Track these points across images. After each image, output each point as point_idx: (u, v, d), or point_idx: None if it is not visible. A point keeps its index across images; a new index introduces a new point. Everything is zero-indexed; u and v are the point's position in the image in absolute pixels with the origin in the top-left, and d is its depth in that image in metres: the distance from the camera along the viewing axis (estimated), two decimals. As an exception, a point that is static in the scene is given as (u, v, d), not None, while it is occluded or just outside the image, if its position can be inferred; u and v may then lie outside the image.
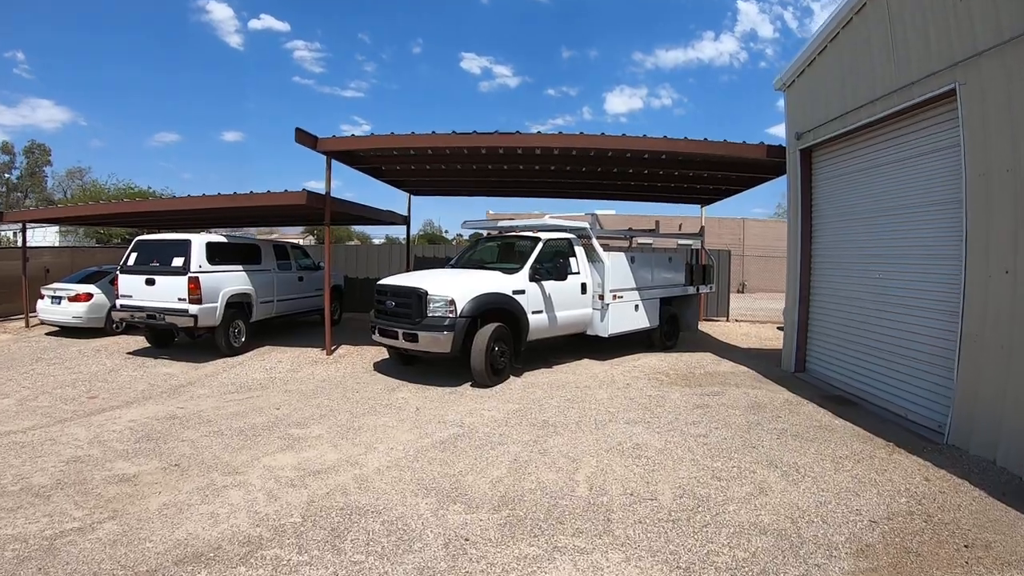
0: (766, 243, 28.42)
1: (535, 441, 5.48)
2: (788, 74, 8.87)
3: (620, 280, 9.23)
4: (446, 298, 7.39)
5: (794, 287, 8.86)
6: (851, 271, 7.81)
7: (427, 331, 7.37)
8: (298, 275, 12.22)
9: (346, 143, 9.21)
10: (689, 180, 11.74)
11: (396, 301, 7.88)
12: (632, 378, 8.19)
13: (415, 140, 8.77)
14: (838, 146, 8.05)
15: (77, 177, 41.90)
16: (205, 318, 9.58)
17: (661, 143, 8.76)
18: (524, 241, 9.10)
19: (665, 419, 6.22)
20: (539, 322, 8.27)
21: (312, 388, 7.72)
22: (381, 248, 18.88)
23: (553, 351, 9.77)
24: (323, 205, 9.69)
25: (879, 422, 6.31)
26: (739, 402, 6.99)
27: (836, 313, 8.12)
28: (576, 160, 10.29)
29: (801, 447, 5.49)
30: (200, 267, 9.65)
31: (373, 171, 11.78)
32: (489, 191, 14.29)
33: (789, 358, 8.94)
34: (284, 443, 5.49)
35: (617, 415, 6.34)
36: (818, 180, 8.62)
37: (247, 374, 8.66)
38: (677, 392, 7.40)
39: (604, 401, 6.92)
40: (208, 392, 7.63)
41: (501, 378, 7.78)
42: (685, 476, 4.71)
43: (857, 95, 7.24)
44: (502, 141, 8.64)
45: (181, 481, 4.63)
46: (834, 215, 8.26)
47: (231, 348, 10.05)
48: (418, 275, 8.62)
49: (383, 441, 5.51)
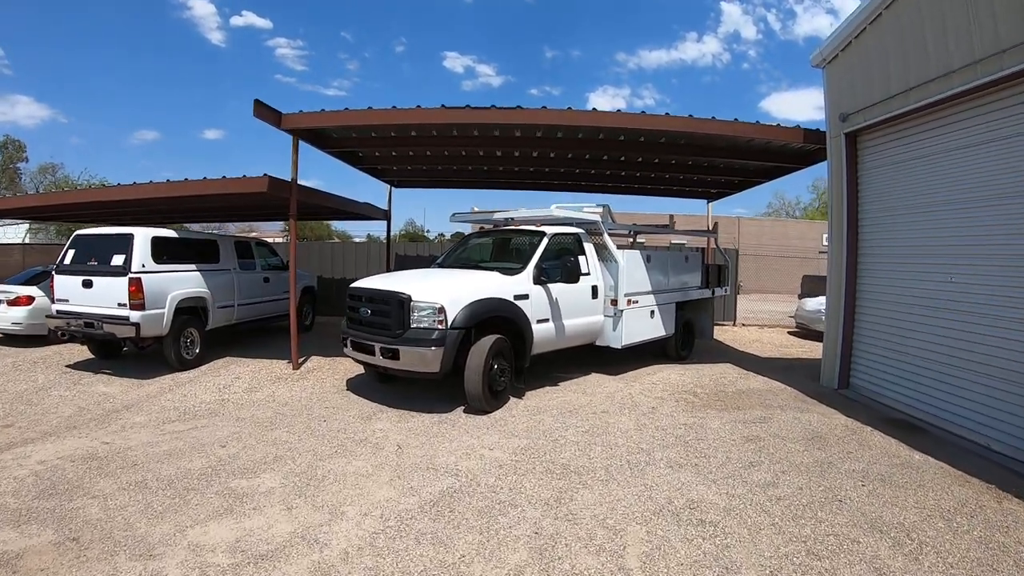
0: (761, 243, 27.49)
1: (558, 499, 4.14)
2: (830, 48, 7.66)
3: (636, 282, 7.95)
4: (434, 305, 6.01)
5: (837, 292, 7.65)
6: (910, 273, 6.64)
7: (410, 346, 5.98)
8: (263, 276, 10.74)
9: (315, 119, 7.78)
10: (702, 170, 10.51)
11: (372, 308, 6.47)
12: (656, 399, 6.90)
13: (396, 116, 7.39)
14: (893, 129, 6.87)
15: (50, 173, 39.85)
16: (149, 327, 8.10)
17: (685, 123, 7.50)
18: (525, 236, 7.76)
19: (715, 460, 4.93)
20: (545, 333, 6.94)
21: (270, 416, 6.31)
22: (359, 246, 17.34)
23: (555, 364, 8.45)
24: (288, 194, 8.26)
25: (962, 455, 5.21)
26: (794, 431, 5.75)
27: (889, 322, 6.94)
28: (579, 145, 9.00)
29: (896, 497, 4.28)
30: (143, 266, 8.16)
31: (349, 156, 10.33)
32: (479, 183, 12.87)
33: (831, 372, 7.73)
34: (223, 503, 4.10)
35: (653, 454, 5.03)
36: (865, 169, 7.43)
37: (196, 395, 7.21)
38: (715, 418, 6.13)
39: (631, 433, 5.62)
40: (144, 420, 6.19)
41: (501, 401, 6.43)
42: (771, 554, 3.43)
43: (925, 68, 6.07)
44: (499, 118, 7.29)
45: (74, 569, 3.24)
46: (885, 209, 7.08)
47: (182, 362, 8.57)
48: (400, 276, 7.22)
49: (354, 501, 4.14)
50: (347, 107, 7.90)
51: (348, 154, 10.16)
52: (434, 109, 7.24)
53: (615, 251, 7.67)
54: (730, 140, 8.33)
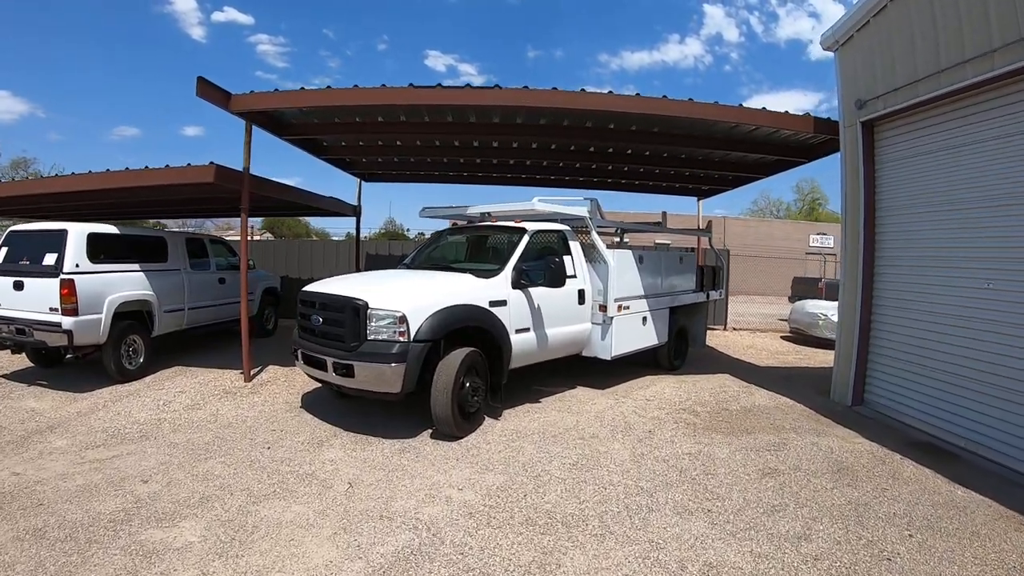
0: (747, 243, 26.92)
1: (541, 565, 3.26)
2: (843, 29, 6.90)
3: (627, 286, 7.12)
4: (394, 313, 5.07)
5: (852, 297, 6.90)
6: (936, 279, 5.91)
7: (367, 362, 5.04)
8: (219, 276, 9.72)
9: (268, 100, 6.82)
10: (696, 164, 9.72)
11: (324, 316, 5.52)
12: (652, 420, 6.06)
13: (359, 96, 6.47)
14: (919, 117, 6.14)
15: (22, 167, 38.22)
16: (84, 334, 7.10)
17: (685, 107, 6.68)
18: (503, 234, 6.89)
19: (731, 503, 4.10)
20: (525, 344, 6.06)
21: (208, 440, 5.37)
22: (327, 244, 16.26)
23: (536, 376, 7.58)
24: (239, 185, 7.30)
25: (1007, 488, 4.51)
26: (815, 462, 4.95)
27: (911, 332, 6.21)
28: (564, 134, 8.14)
29: (950, 551, 3.53)
30: (77, 266, 7.16)
31: (311, 145, 9.36)
32: (455, 177, 11.93)
33: (844, 387, 6.98)
34: (126, 565, 3.19)
35: (656, 496, 4.19)
36: (884, 161, 6.69)
37: (131, 413, 6.23)
38: (723, 445, 5.31)
39: (628, 466, 4.76)
40: (67, 444, 5.23)
41: (473, 424, 5.54)
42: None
43: (960, 47, 5.34)
44: (475, 99, 6.42)
45: None
46: (906, 207, 6.36)
47: (123, 372, 7.55)
48: (358, 279, 6.25)
49: (286, 566, 3.23)
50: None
51: (310, 142, 9.20)
52: (400, 88, 6.33)
53: (604, 251, 6.83)
54: (731, 129, 7.54)
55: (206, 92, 6.57)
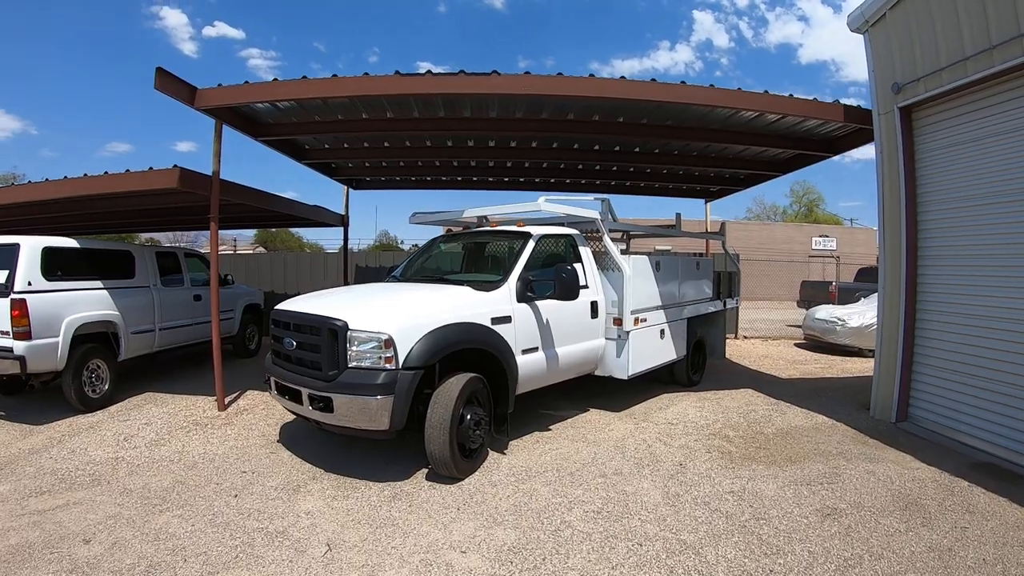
0: (748, 246, 26.26)
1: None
2: (873, 7, 6.24)
3: (644, 296, 6.38)
4: (379, 336, 4.27)
5: (895, 302, 6.18)
6: (991, 280, 5.25)
7: (348, 394, 4.24)
8: (194, 293, 8.95)
9: (237, 94, 6.07)
10: (708, 162, 9.02)
11: (298, 340, 4.72)
12: (681, 450, 5.29)
13: (338, 86, 5.73)
14: (966, 100, 5.47)
15: (8, 183, 37.56)
16: (38, 360, 6.35)
17: (705, 94, 5.98)
18: (504, 240, 6.15)
19: (795, 559, 3.33)
20: (533, 366, 5.29)
21: (168, 485, 4.58)
22: (315, 257, 15.45)
23: (543, 398, 6.80)
24: (207, 191, 6.56)
25: None
26: (877, 496, 4.21)
27: (962, 339, 5.51)
28: (568, 129, 7.43)
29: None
30: (30, 284, 6.43)
31: (291, 148, 8.60)
32: (449, 182, 11.15)
33: (887, 402, 6.25)
34: None
35: (704, 553, 3.42)
36: (924, 151, 6.00)
37: (87, 450, 5.46)
38: (768, 479, 4.55)
39: (663, 511, 4.00)
40: (8, 490, 4.51)
41: (476, 462, 4.74)
42: None
43: (1015, 20, 4.69)
44: (469, 86, 5.67)
45: None
46: (954, 200, 5.67)
47: (85, 401, 6.78)
48: (338, 294, 5.47)
49: None
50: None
51: (289, 144, 8.44)
52: (385, 77, 5.60)
53: (618, 257, 6.09)
54: (751, 120, 6.86)
55: (166, 86, 5.83)
